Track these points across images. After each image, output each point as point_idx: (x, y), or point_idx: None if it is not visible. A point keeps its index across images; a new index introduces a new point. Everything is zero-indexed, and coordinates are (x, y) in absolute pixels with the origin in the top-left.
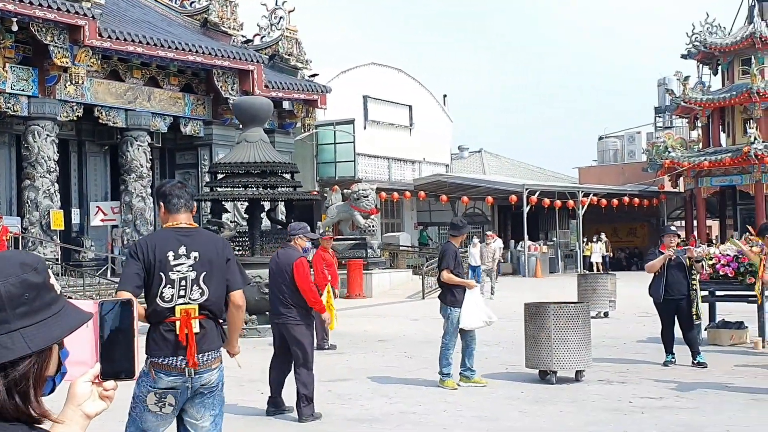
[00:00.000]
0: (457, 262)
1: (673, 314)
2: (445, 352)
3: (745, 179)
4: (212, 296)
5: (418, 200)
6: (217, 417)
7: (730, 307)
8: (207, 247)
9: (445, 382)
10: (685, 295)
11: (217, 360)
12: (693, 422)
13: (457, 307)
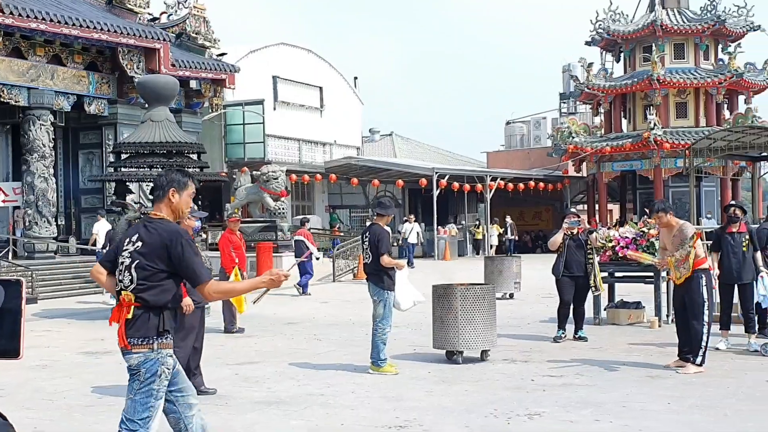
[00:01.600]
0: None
1: (572, 291)
2: (381, 336)
3: (644, 164)
4: (140, 285)
5: (328, 183)
6: (133, 401)
7: (629, 287)
8: (153, 236)
9: (383, 368)
10: (583, 272)
11: (141, 347)
12: (591, 398)
13: (393, 291)
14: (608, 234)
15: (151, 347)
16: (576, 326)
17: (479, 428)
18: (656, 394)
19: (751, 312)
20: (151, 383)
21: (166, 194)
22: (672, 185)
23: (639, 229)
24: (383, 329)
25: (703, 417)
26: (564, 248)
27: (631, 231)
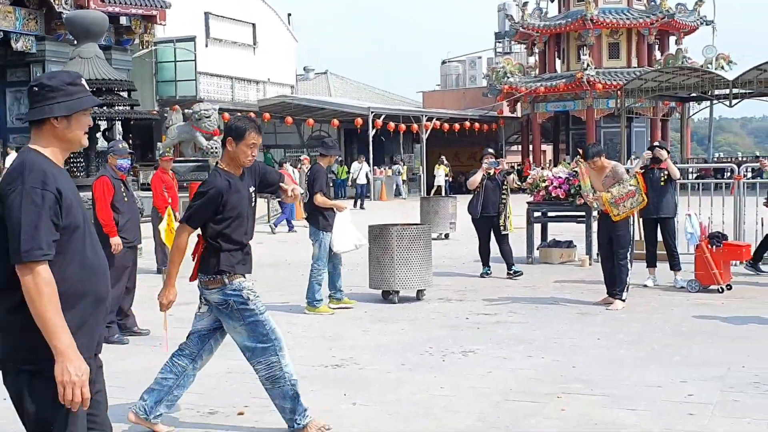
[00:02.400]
0: (327, 185)
1: (489, 230)
2: (316, 277)
3: (577, 105)
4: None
5: (262, 122)
6: (240, 333)
7: (561, 226)
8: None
9: (319, 308)
10: (497, 212)
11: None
12: (524, 335)
13: (329, 232)
14: (541, 174)
15: (222, 282)
16: (507, 264)
17: (415, 366)
18: (586, 330)
19: (674, 250)
20: (246, 307)
21: (225, 144)
22: (604, 126)
23: (571, 169)
24: (318, 270)
25: (631, 352)
26: (482, 188)
27: (563, 171)
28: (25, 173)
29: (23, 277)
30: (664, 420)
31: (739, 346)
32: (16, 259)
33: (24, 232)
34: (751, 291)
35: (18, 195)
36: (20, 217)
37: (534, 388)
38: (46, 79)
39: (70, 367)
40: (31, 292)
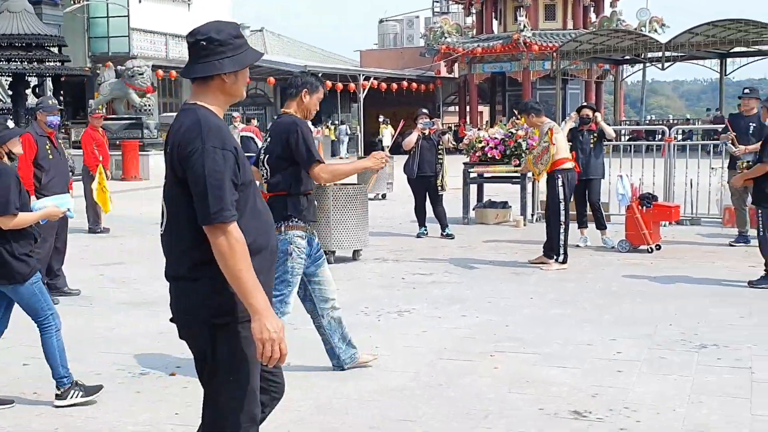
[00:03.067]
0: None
1: (425, 190)
2: None
3: (514, 66)
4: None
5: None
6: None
7: (496, 187)
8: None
9: None
10: (435, 172)
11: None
12: (459, 295)
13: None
14: (478, 135)
15: (279, 230)
16: (441, 225)
17: (351, 326)
18: (520, 289)
19: (599, 212)
20: (284, 261)
21: (299, 94)
22: (540, 87)
23: (507, 130)
24: None
25: (563, 310)
26: (417, 149)
27: (500, 132)
28: (204, 133)
29: (215, 239)
30: (594, 377)
31: (667, 305)
32: (205, 221)
33: (210, 194)
34: (679, 251)
35: (200, 156)
36: (205, 178)
37: (468, 347)
38: (215, 32)
39: (269, 325)
40: (224, 252)
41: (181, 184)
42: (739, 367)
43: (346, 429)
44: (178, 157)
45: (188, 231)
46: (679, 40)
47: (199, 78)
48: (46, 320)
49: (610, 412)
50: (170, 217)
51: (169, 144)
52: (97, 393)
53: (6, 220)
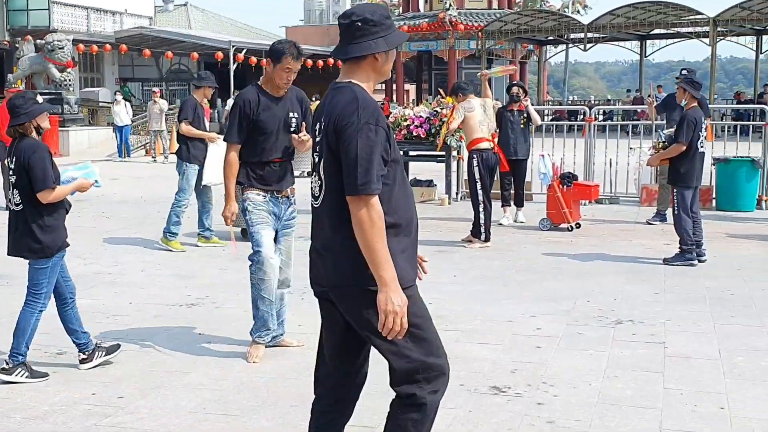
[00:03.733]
0: (197, 115)
1: None
2: (176, 209)
3: (440, 45)
4: None
5: (119, 54)
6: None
7: (422, 166)
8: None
9: (171, 242)
10: None
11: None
12: None
13: (194, 163)
14: (403, 113)
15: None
16: None
17: None
18: (443, 267)
19: (520, 189)
20: (244, 216)
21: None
22: (465, 67)
23: (432, 108)
24: (179, 201)
25: (485, 287)
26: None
27: (425, 110)
28: (360, 109)
29: (358, 210)
30: (513, 353)
31: (585, 282)
32: (352, 191)
33: (360, 166)
34: (598, 230)
35: (355, 130)
36: (357, 151)
37: None
38: (369, 14)
39: (394, 298)
40: (363, 223)
41: (336, 157)
42: (653, 342)
43: (266, 407)
44: (334, 132)
45: (345, 203)
46: (600, 22)
47: (352, 58)
48: (39, 297)
49: (529, 387)
50: (330, 188)
51: (321, 120)
52: (43, 377)
53: (45, 194)
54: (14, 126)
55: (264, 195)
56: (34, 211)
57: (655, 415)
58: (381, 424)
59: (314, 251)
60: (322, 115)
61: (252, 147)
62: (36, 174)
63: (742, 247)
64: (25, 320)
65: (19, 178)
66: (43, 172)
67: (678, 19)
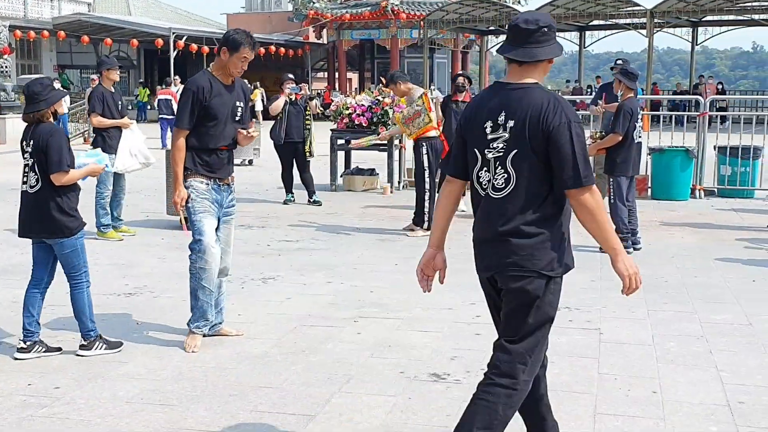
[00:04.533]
0: (106, 104)
1: (292, 156)
2: (99, 201)
3: (382, 33)
4: None
5: (57, 40)
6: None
7: (364, 155)
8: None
9: (107, 233)
10: (303, 138)
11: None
12: (325, 261)
13: (112, 154)
14: (345, 101)
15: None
16: (308, 192)
17: None
18: (385, 256)
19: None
20: (187, 204)
21: (220, 52)
22: (407, 56)
23: (374, 97)
24: (101, 193)
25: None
26: (284, 114)
27: (367, 99)
28: (565, 109)
29: (584, 199)
30: (453, 340)
31: None
32: (576, 183)
33: (579, 161)
34: None
35: (567, 129)
36: (573, 148)
37: (332, 313)
38: (550, 21)
39: (627, 263)
40: (593, 208)
41: (536, 152)
42: (589, 328)
43: (205, 397)
44: (540, 130)
45: (535, 193)
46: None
47: (528, 62)
48: (80, 276)
49: (468, 374)
50: (519, 181)
51: (507, 117)
52: (119, 347)
53: (59, 176)
54: (33, 112)
55: (207, 183)
56: (53, 193)
57: (590, 399)
58: (320, 412)
59: (492, 239)
60: (500, 113)
61: (201, 134)
62: (52, 156)
63: (675, 236)
64: (79, 301)
65: (38, 160)
66: (59, 155)
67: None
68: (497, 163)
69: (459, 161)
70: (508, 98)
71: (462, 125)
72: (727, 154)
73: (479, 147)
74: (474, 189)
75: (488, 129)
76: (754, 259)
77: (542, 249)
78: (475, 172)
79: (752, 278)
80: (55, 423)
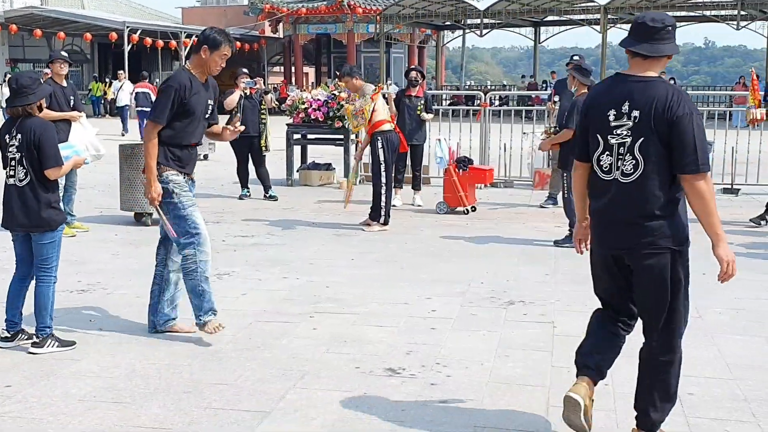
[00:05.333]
0: (55, 97)
1: (247, 151)
2: None
3: (338, 28)
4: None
5: (9, 34)
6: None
7: (321, 149)
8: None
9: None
10: (258, 133)
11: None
12: (281, 257)
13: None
14: (300, 96)
15: (159, 173)
16: (264, 187)
17: None
18: (341, 250)
19: (417, 171)
20: (170, 200)
21: (200, 50)
22: (364, 50)
23: (330, 91)
24: None
25: (382, 270)
26: (239, 109)
27: (323, 93)
28: (686, 101)
29: (699, 185)
30: (408, 335)
31: (480, 264)
32: (694, 169)
33: (699, 149)
34: (492, 213)
35: (690, 120)
36: (694, 136)
37: (287, 309)
38: (672, 20)
39: (727, 249)
40: (706, 194)
41: (661, 140)
42: (543, 321)
43: (159, 394)
44: (665, 120)
45: (662, 178)
46: (496, 8)
47: (653, 56)
48: (50, 270)
49: (423, 368)
50: (648, 167)
51: (632, 107)
52: (72, 346)
53: (55, 171)
54: (23, 105)
55: (182, 176)
56: (42, 187)
57: (543, 392)
58: (275, 408)
59: (624, 221)
60: (624, 102)
61: (176, 129)
62: (47, 152)
63: None
64: (44, 296)
65: (29, 154)
66: (54, 150)
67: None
68: (625, 151)
69: (584, 147)
70: (632, 89)
71: (584, 113)
72: None
73: (602, 133)
74: (594, 173)
75: (611, 117)
76: (704, 253)
77: (671, 227)
78: (596, 156)
79: (702, 271)
80: (6, 422)
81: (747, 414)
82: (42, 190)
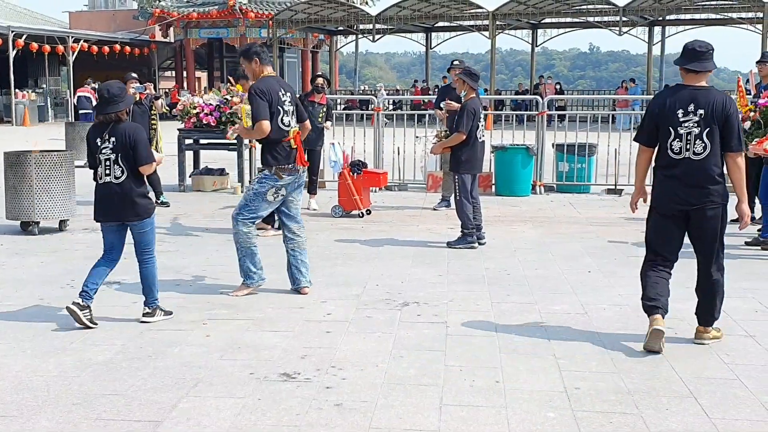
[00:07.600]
0: None
1: None
2: None
3: (231, 32)
4: None
5: None
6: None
7: (214, 154)
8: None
9: None
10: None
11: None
12: (173, 263)
13: None
14: (192, 101)
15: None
16: (155, 192)
17: (56, 299)
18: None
19: (314, 176)
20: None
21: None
22: None
23: (222, 96)
24: None
25: (277, 275)
26: (129, 114)
27: (215, 98)
28: (732, 102)
29: (740, 160)
30: (304, 339)
31: (375, 266)
32: (737, 149)
33: (740, 135)
34: (387, 216)
35: (735, 116)
36: (738, 127)
37: (180, 316)
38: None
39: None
40: (741, 166)
41: (719, 129)
42: (436, 322)
43: (47, 407)
44: (723, 115)
45: (718, 157)
46: (388, 14)
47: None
48: (152, 252)
49: (318, 371)
50: (713, 148)
51: (699, 107)
52: (171, 315)
53: (149, 167)
54: (114, 112)
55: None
56: (137, 182)
57: (437, 391)
58: (167, 418)
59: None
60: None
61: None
62: (142, 151)
63: (518, 230)
64: (151, 274)
65: (125, 154)
66: (147, 149)
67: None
68: (695, 138)
69: (652, 136)
70: (695, 95)
71: (655, 112)
72: (564, 151)
73: (673, 126)
74: (666, 154)
75: (680, 114)
76: (590, 252)
77: (723, 189)
78: (668, 142)
79: (588, 269)
80: None
81: (630, 406)
82: (135, 185)
